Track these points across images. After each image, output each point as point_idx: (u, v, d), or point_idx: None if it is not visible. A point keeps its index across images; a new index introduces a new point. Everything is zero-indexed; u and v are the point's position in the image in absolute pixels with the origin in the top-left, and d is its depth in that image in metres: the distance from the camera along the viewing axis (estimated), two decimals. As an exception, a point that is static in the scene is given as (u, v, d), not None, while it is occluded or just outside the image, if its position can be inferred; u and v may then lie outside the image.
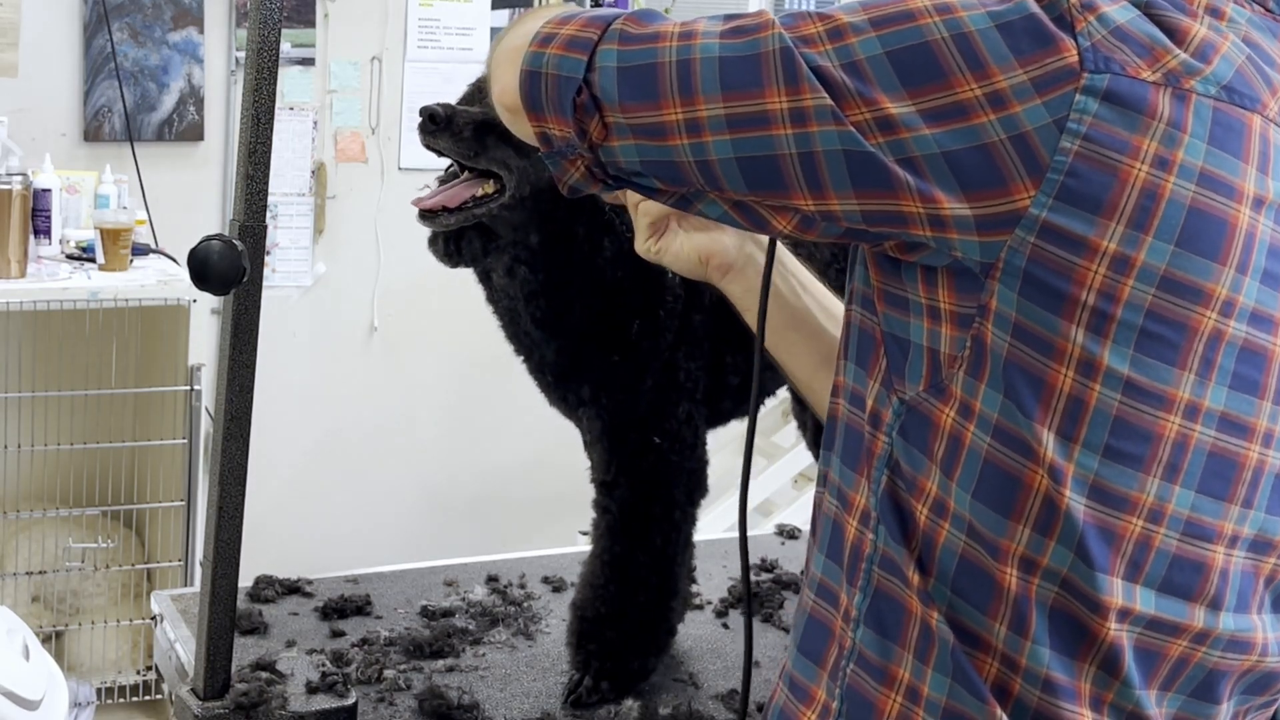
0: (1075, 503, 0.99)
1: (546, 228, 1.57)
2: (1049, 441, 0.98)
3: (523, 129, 1.15)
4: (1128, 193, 0.96)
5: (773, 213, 1.06)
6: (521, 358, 1.71)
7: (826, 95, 0.99)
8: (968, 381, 1.01)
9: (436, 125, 1.51)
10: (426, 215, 1.56)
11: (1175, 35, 1.00)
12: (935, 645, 1.04)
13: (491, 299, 1.69)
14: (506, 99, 1.15)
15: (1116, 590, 1.00)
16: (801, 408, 1.93)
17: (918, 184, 0.98)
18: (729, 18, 1.07)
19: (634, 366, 1.64)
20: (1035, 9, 0.98)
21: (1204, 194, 0.97)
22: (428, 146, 1.54)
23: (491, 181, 1.56)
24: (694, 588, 1.89)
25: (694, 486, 1.71)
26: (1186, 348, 0.97)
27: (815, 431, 1.89)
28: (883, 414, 1.07)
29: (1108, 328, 0.97)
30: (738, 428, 1.77)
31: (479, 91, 1.60)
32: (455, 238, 1.63)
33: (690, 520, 1.72)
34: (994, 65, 0.97)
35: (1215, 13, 1.03)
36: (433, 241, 1.66)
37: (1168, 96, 0.97)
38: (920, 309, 1.04)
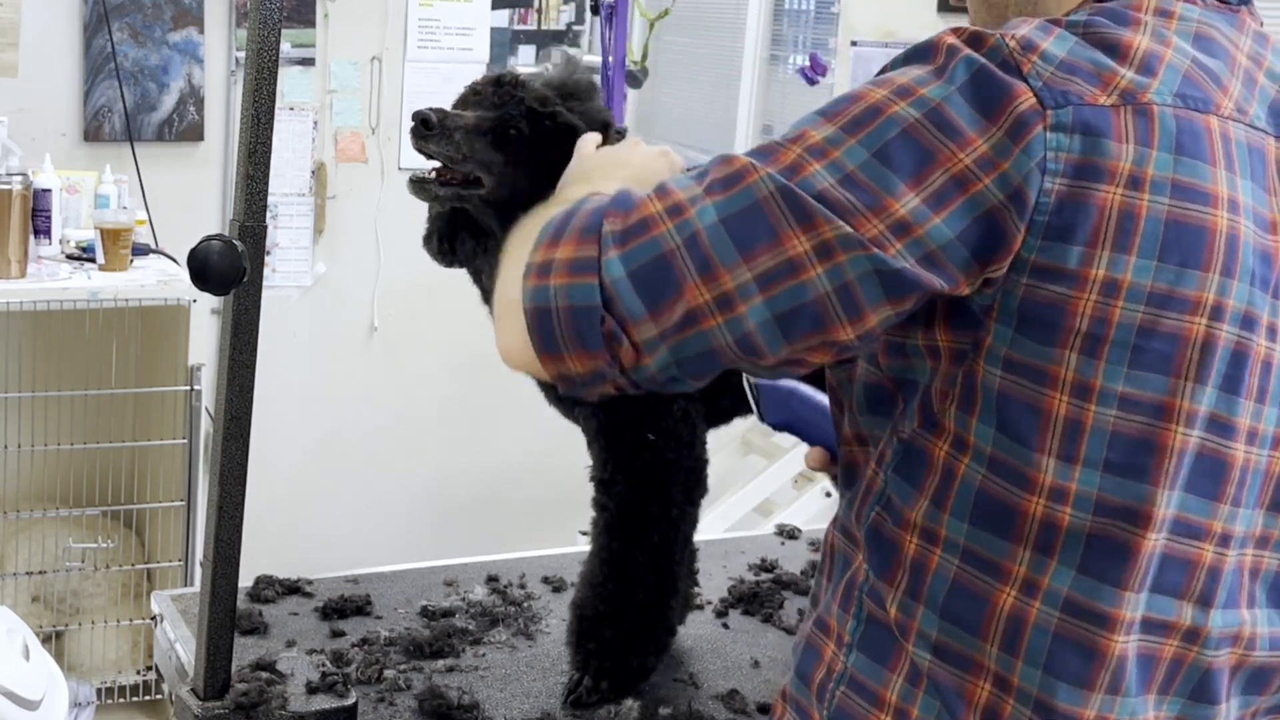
0: (1078, 519, 0.99)
1: None
2: (1049, 466, 0.99)
3: (540, 373, 1.06)
4: (1107, 218, 0.97)
5: (810, 353, 1.02)
6: None
7: (841, 221, 0.97)
8: (959, 416, 1.02)
9: (429, 130, 1.53)
10: (416, 182, 1.59)
11: (1117, 53, 1.00)
12: (923, 673, 1.05)
13: (486, 299, 1.70)
14: (515, 355, 1.05)
15: (1126, 603, 1.00)
16: None
17: (942, 279, 0.98)
18: (702, 174, 1.02)
19: None
20: (980, 60, 0.99)
21: (1179, 205, 0.97)
22: (419, 150, 1.56)
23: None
24: (695, 589, 1.89)
25: (692, 485, 1.71)
26: (1179, 357, 0.98)
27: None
28: (885, 454, 1.08)
29: (1100, 349, 0.98)
30: (739, 427, 1.79)
31: (474, 94, 1.62)
32: (449, 237, 1.65)
33: (689, 519, 1.72)
34: (970, 131, 0.97)
35: (1164, 14, 1.04)
36: (428, 240, 1.68)
37: (1129, 115, 0.98)
38: (919, 351, 1.04)
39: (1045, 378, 0.98)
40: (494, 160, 1.56)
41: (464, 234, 1.63)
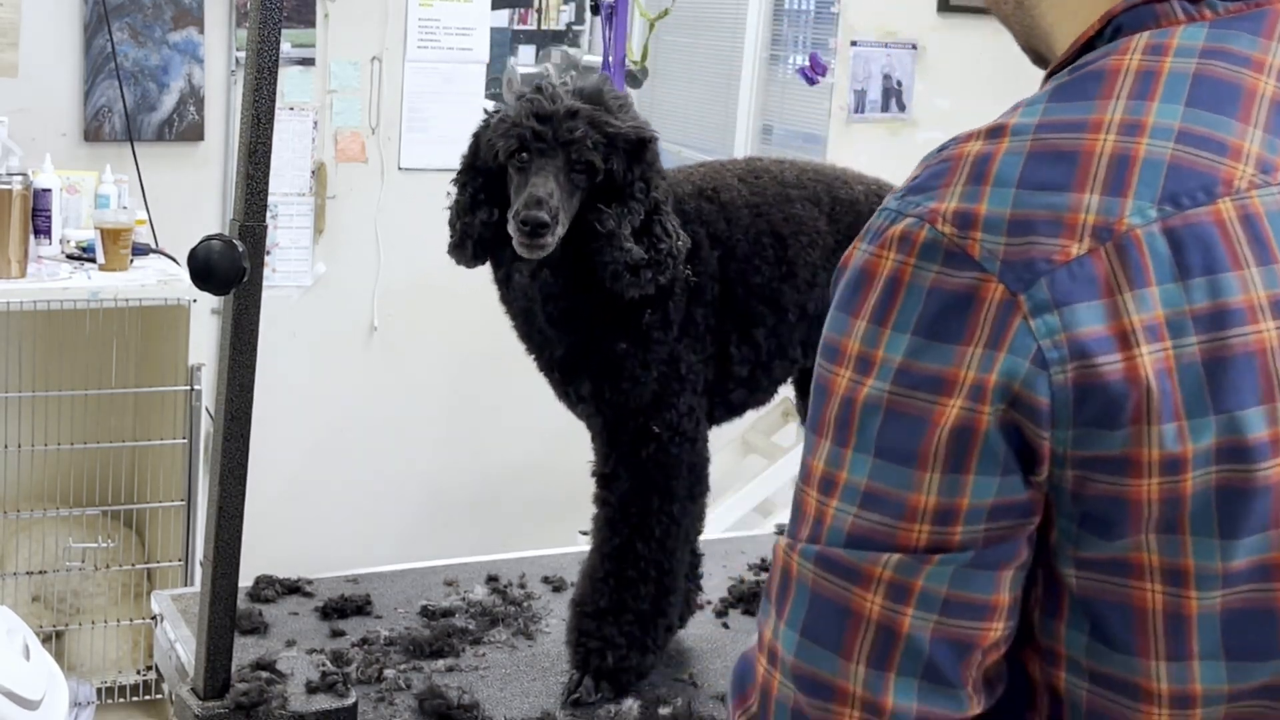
0: (1211, 716, 0.86)
1: (569, 245, 1.60)
2: (1161, 673, 0.86)
3: None
4: (1142, 388, 0.80)
5: (992, 664, 0.89)
6: (533, 356, 1.73)
7: (884, 551, 0.84)
8: (1045, 623, 0.89)
9: (550, 225, 1.54)
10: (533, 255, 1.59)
11: (1075, 171, 0.82)
12: None
13: (506, 299, 1.70)
14: None
15: None
16: (804, 401, 1.92)
17: (1021, 517, 0.85)
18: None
19: (640, 357, 1.65)
20: (925, 272, 0.82)
21: (1212, 338, 0.80)
22: (540, 250, 1.56)
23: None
24: (699, 595, 1.88)
25: (694, 481, 1.72)
26: (1275, 508, 0.83)
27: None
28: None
29: (1181, 524, 0.83)
30: (739, 427, 1.79)
31: (532, 134, 1.59)
32: (492, 245, 1.66)
33: (690, 516, 1.72)
34: (947, 366, 0.81)
35: (1156, 50, 0.85)
36: (460, 248, 1.66)
37: (1111, 256, 0.80)
38: None
39: (1129, 568, 0.84)
40: (564, 219, 1.58)
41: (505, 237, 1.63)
